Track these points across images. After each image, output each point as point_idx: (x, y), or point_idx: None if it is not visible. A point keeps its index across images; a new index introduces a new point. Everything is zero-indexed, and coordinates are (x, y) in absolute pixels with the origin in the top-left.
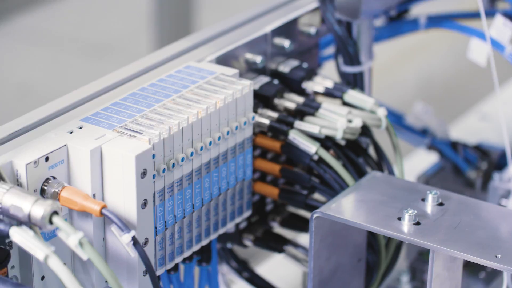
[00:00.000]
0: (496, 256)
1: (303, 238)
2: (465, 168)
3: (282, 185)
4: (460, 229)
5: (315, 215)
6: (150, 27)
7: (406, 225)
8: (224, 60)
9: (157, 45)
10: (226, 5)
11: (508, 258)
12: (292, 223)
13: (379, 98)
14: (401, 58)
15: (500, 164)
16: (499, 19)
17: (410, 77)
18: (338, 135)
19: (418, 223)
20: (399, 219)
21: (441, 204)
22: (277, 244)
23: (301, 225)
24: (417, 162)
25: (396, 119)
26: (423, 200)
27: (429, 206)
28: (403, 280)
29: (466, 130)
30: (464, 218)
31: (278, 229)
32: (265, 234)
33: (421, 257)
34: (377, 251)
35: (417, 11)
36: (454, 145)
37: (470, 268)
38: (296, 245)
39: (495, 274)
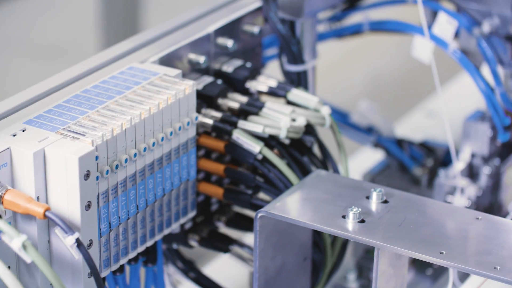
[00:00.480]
0: (441, 253)
1: (249, 238)
2: (410, 165)
3: (227, 185)
4: (404, 226)
5: (259, 215)
6: (98, 29)
7: (350, 223)
8: (168, 60)
9: (105, 46)
10: (174, 5)
11: (453, 254)
12: (237, 222)
13: (328, 97)
14: (349, 57)
15: (445, 160)
16: (442, 17)
17: (358, 75)
18: (282, 134)
19: (362, 221)
20: (344, 217)
21: (385, 201)
22: (222, 244)
23: (247, 224)
24: (363, 160)
25: (341, 117)
26: (367, 198)
27: (374, 203)
28: (350, 278)
29: (413, 127)
30: (408, 215)
31: (224, 229)
32: (211, 234)
33: (368, 255)
34: (322, 250)
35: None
36: (399, 142)
37: (418, 265)
38: (241, 244)
39: (442, 271)
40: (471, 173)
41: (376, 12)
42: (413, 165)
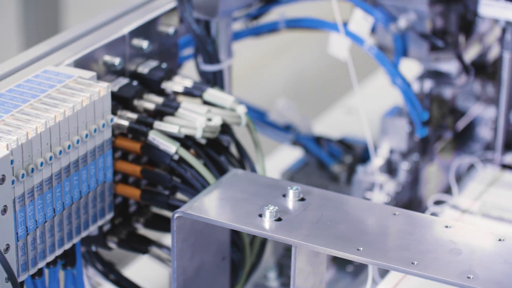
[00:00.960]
0: (358, 249)
1: (168, 239)
2: (329, 162)
3: (144, 186)
4: (322, 223)
5: (176, 215)
6: (19, 31)
7: (267, 222)
8: (83, 63)
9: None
10: (95, 7)
11: (370, 250)
12: (156, 223)
13: (250, 96)
14: (271, 55)
15: (364, 157)
16: (358, 13)
17: (281, 73)
18: (198, 134)
19: (279, 219)
20: (261, 215)
21: (302, 199)
22: (141, 246)
23: (165, 225)
24: (282, 158)
25: (259, 116)
26: (284, 196)
27: (291, 201)
28: (270, 276)
29: (332, 124)
30: (325, 213)
31: (142, 230)
32: (129, 235)
33: (288, 253)
34: (241, 249)
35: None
36: (318, 140)
37: (338, 262)
38: (160, 245)
39: (362, 267)
40: (390, 169)
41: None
42: (332, 162)
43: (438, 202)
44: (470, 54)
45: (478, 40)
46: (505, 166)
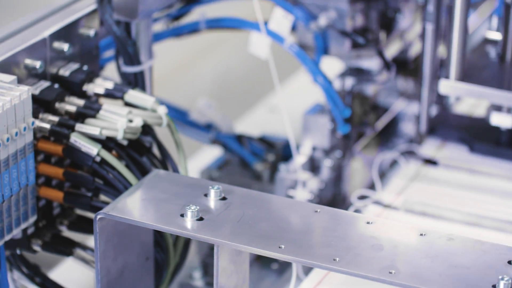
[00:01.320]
0: (280, 247)
1: (92, 240)
2: (251, 160)
3: (67, 189)
4: (243, 222)
5: (98, 216)
6: None
7: (189, 221)
8: (4, 66)
9: None
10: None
11: (292, 248)
12: (80, 225)
13: (175, 96)
14: (197, 55)
15: (287, 155)
16: (278, 12)
17: (206, 73)
18: (119, 136)
19: (201, 219)
20: (182, 215)
21: (224, 198)
22: (65, 248)
23: (89, 227)
24: (204, 157)
25: (180, 116)
26: (206, 195)
27: (212, 201)
28: (195, 276)
29: (256, 123)
30: (247, 211)
31: (67, 232)
32: (54, 238)
33: (213, 252)
34: (165, 249)
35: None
36: (239, 138)
37: (263, 260)
38: (84, 247)
39: (287, 265)
40: (313, 166)
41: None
42: (254, 161)
43: (362, 198)
44: (391, 50)
45: (399, 36)
46: (427, 161)
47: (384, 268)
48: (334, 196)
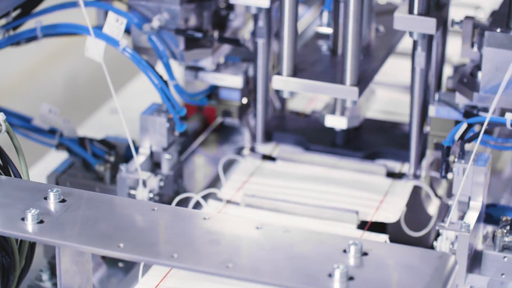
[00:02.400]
0: (119, 246)
1: None
2: (93, 162)
3: None
4: (83, 223)
5: None
6: None
7: (30, 225)
8: None
9: None
10: None
11: (131, 246)
12: None
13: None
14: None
15: (127, 155)
16: (111, 16)
17: (52, 79)
18: None
19: (41, 222)
20: (23, 219)
21: (63, 200)
22: None
23: None
24: (51, 162)
25: (24, 122)
26: (45, 198)
27: (52, 204)
28: (43, 277)
29: (99, 125)
30: (86, 212)
31: None
32: None
33: None
34: (10, 254)
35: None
36: (81, 141)
37: (110, 259)
38: None
39: (133, 263)
40: (153, 165)
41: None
42: (96, 162)
43: (203, 194)
44: (225, 49)
45: (232, 35)
46: (266, 157)
47: (221, 262)
48: (176, 194)
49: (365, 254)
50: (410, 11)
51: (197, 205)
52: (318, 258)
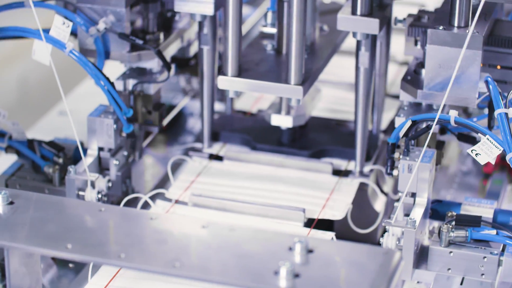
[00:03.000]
0: (67, 247)
1: None
2: (42, 164)
3: None
4: (32, 224)
5: None
6: None
7: None
8: None
9: None
10: None
11: (78, 247)
12: None
13: None
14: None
15: (76, 157)
16: (58, 19)
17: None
18: None
19: None
20: None
21: (11, 203)
22: None
23: None
24: (1, 164)
25: None
26: None
27: (0, 206)
28: None
29: (49, 127)
30: (35, 214)
31: None
32: None
33: None
34: None
35: None
36: (30, 143)
37: (60, 259)
38: None
39: (83, 263)
40: (101, 166)
41: None
42: (45, 164)
43: (151, 195)
44: (171, 50)
45: (178, 36)
46: (213, 156)
47: (169, 261)
48: (124, 194)
49: (311, 251)
50: (353, 12)
51: (146, 206)
52: (264, 256)
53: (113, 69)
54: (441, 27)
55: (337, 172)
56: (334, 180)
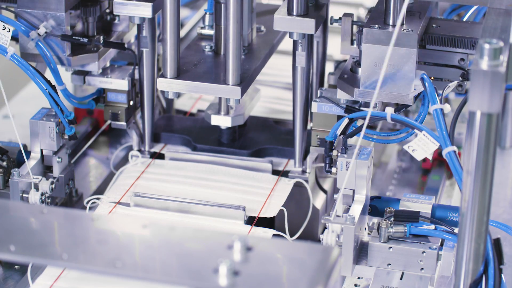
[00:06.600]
0: (9, 249)
1: None
2: None
3: None
4: None
5: None
6: None
7: None
8: None
9: None
10: None
11: (21, 248)
12: None
13: None
14: None
15: (19, 160)
16: None
17: None
18: None
19: None
20: None
21: None
22: None
23: None
24: None
25: None
26: None
27: None
28: None
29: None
30: None
31: None
32: None
33: None
34: None
35: None
36: None
37: (6, 262)
38: None
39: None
40: (44, 169)
41: None
42: None
43: (94, 196)
44: (111, 53)
45: (118, 39)
46: (154, 157)
47: (110, 261)
48: (68, 196)
49: (250, 249)
50: (289, 12)
51: (87, 207)
52: (204, 254)
53: None
54: (376, 26)
55: (276, 171)
56: (273, 179)
